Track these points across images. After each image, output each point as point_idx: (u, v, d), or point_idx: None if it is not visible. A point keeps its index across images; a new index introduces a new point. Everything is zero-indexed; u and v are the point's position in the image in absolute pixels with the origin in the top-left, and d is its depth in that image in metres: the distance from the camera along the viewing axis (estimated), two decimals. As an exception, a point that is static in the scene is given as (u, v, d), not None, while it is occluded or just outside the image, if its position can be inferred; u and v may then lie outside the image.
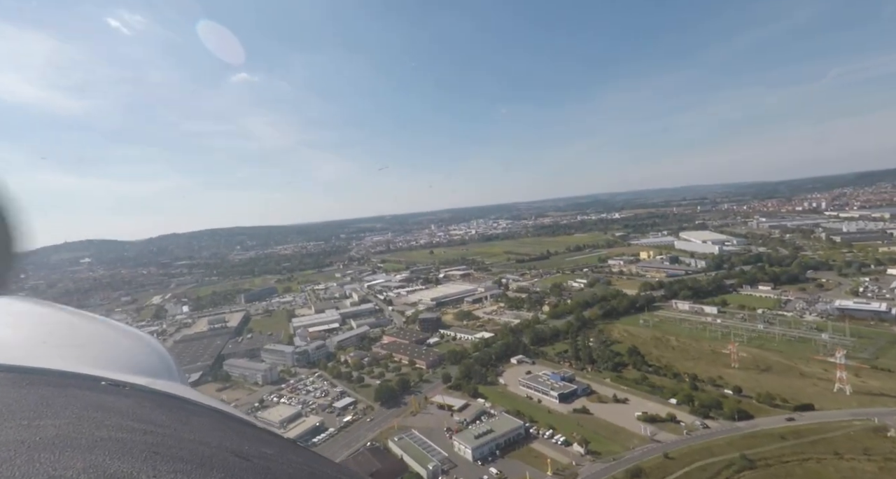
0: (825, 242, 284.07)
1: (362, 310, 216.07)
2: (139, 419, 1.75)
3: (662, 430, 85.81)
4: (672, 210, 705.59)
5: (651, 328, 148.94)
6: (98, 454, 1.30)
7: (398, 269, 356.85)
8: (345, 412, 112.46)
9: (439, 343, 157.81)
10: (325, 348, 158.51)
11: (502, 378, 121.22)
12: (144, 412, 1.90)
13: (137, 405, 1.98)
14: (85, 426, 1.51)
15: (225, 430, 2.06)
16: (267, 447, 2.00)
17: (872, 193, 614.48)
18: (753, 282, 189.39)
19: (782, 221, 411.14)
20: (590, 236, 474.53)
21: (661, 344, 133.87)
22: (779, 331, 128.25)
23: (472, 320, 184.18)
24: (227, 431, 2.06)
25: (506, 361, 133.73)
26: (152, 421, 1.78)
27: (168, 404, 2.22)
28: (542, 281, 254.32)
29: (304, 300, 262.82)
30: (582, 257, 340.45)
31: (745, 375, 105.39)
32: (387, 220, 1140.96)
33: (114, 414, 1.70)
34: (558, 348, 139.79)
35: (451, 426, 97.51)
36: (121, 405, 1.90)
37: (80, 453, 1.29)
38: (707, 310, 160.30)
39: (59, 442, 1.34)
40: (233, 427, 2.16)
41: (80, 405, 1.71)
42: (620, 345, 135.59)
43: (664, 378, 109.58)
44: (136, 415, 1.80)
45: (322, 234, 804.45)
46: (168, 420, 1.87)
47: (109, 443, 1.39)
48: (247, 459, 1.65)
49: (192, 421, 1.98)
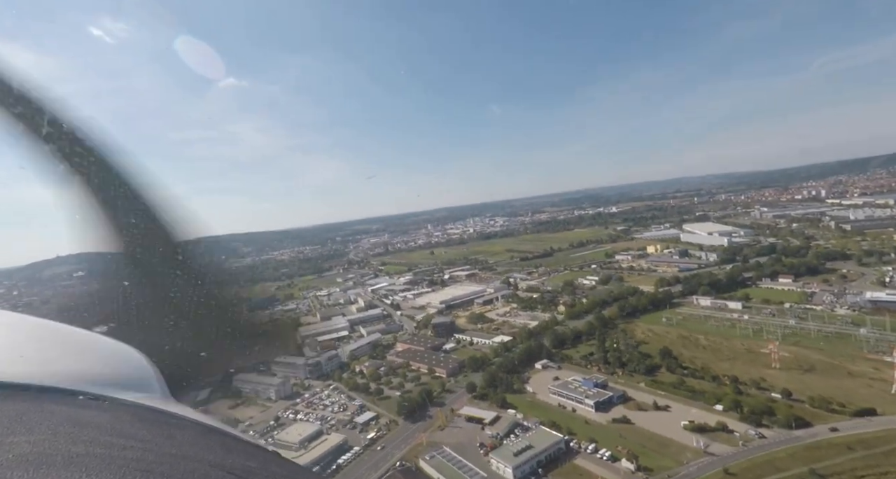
0: (835, 230, 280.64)
1: (370, 316, 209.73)
2: (118, 433, 1.71)
3: (715, 441, 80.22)
4: (669, 203, 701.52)
5: (675, 327, 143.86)
6: (74, 471, 1.26)
7: (400, 271, 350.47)
8: (367, 428, 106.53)
9: (456, 349, 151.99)
10: (338, 359, 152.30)
11: (529, 385, 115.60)
12: (124, 427, 1.85)
13: (116, 420, 1.94)
14: (61, 441, 1.47)
15: (208, 443, 2.03)
16: (251, 460, 1.97)
17: (869, 180, 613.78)
18: (772, 275, 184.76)
19: (785, 211, 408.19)
20: (590, 232, 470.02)
21: (689, 344, 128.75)
22: (813, 327, 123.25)
23: (486, 322, 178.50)
24: (211, 444, 2.03)
25: (529, 366, 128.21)
26: (132, 436, 1.74)
27: (149, 417, 2.17)
28: (550, 279, 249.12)
29: (307, 307, 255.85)
30: (586, 252, 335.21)
31: (788, 376, 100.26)
32: (382, 221, 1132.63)
33: (91, 429, 1.67)
34: (582, 351, 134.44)
35: (484, 442, 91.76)
36: (99, 419, 1.86)
37: (55, 470, 1.25)
38: (731, 306, 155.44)
39: (34, 459, 1.30)
40: (216, 441, 2.13)
41: (56, 421, 1.66)
42: (647, 346, 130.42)
43: (702, 382, 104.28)
44: (115, 430, 1.76)
45: (317, 238, 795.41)
46: (149, 435, 1.83)
47: (86, 459, 1.35)
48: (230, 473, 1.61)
49: (174, 435, 1.94)
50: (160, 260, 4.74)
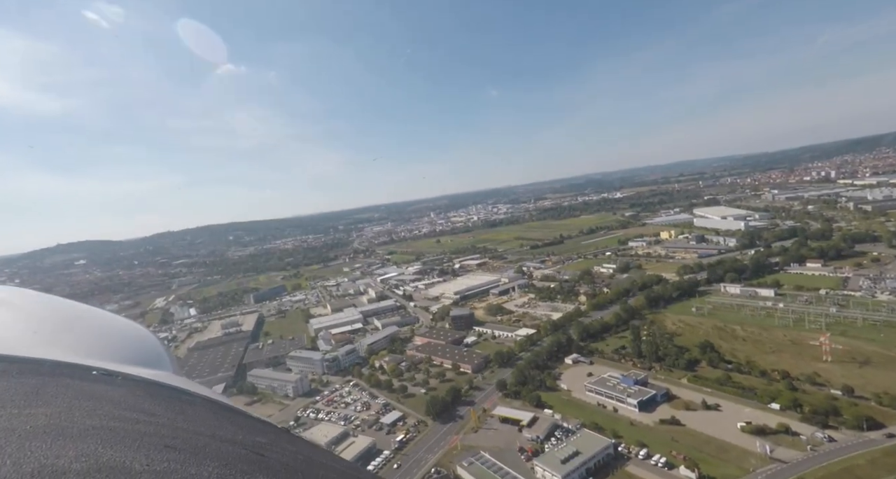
0: (855, 212, 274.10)
1: (383, 307, 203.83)
2: (131, 408, 1.77)
3: (779, 445, 74.58)
4: (674, 187, 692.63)
5: (707, 317, 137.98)
6: (90, 443, 1.30)
7: (408, 260, 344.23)
8: (395, 429, 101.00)
9: (477, 342, 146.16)
10: (356, 353, 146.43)
11: (563, 382, 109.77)
12: (137, 402, 1.92)
13: (129, 395, 2.01)
14: (76, 414, 1.51)
15: (218, 419, 2.09)
16: (261, 435, 2.03)
17: (877, 159, 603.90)
18: (800, 259, 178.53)
19: (797, 193, 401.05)
20: (598, 218, 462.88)
21: (726, 335, 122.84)
22: (859, 315, 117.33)
23: (505, 314, 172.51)
24: (221, 420, 2.09)
25: (559, 361, 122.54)
26: (144, 410, 1.80)
27: (160, 393, 2.25)
28: (565, 267, 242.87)
29: (317, 298, 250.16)
30: (598, 239, 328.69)
31: (844, 370, 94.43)
32: (383, 209, 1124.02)
33: (105, 403, 1.72)
34: (612, 344, 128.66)
35: (524, 446, 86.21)
36: (113, 394, 1.92)
37: (71, 441, 1.29)
38: (762, 293, 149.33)
39: (51, 431, 1.34)
40: (226, 416, 2.19)
41: (72, 394, 1.72)
42: (681, 338, 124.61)
43: (750, 377, 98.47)
44: (129, 404, 1.82)
45: (319, 226, 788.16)
46: (160, 409, 1.89)
47: (101, 432, 1.40)
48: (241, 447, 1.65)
49: (185, 410, 2.01)
50: None
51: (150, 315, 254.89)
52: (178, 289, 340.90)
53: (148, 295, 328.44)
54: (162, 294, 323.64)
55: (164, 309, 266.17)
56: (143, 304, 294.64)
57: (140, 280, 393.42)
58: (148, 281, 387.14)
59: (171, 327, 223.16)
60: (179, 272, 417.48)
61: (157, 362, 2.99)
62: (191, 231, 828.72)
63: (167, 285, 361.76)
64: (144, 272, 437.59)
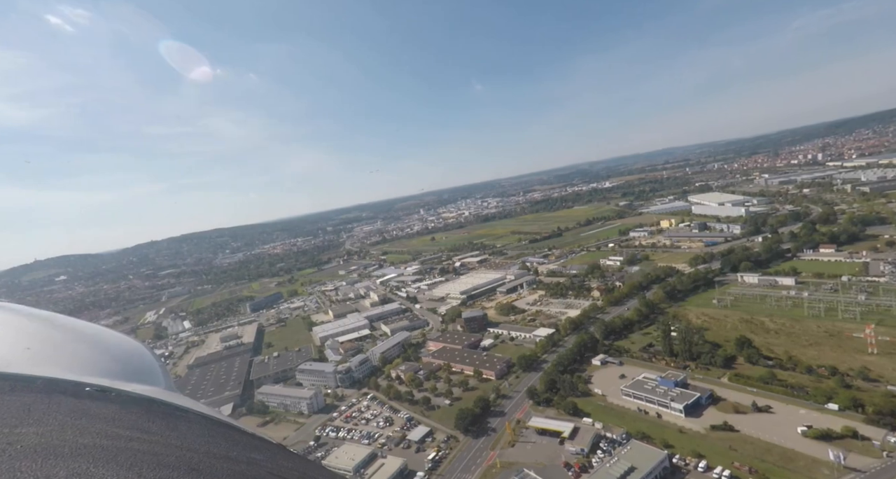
0: (852, 193, 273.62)
1: (389, 311, 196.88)
2: (125, 425, 1.75)
3: (850, 451, 69.84)
4: (662, 174, 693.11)
5: (730, 309, 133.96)
6: (82, 462, 1.28)
7: (405, 260, 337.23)
8: (424, 446, 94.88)
9: (495, 345, 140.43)
10: (369, 363, 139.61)
11: (595, 386, 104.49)
12: (130, 418, 1.89)
13: (123, 411, 1.98)
14: (68, 433, 1.50)
15: (212, 435, 2.06)
16: (256, 452, 2.02)
17: (857, 141, 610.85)
18: (813, 245, 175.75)
19: (789, 176, 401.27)
20: (591, 208, 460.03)
21: (757, 328, 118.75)
22: (893, 302, 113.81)
23: (518, 313, 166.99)
24: (216, 436, 2.06)
25: (585, 362, 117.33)
26: (138, 427, 1.78)
27: (155, 409, 2.21)
28: (569, 261, 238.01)
29: (316, 304, 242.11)
30: (597, 231, 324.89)
31: (894, 363, 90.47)
32: (369, 208, 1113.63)
33: (98, 421, 1.70)
34: (637, 342, 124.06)
35: (568, 461, 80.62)
36: (106, 411, 1.90)
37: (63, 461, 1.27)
38: (782, 282, 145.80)
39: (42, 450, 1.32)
40: (220, 432, 2.17)
41: (64, 412, 1.70)
42: (710, 333, 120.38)
43: (795, 374, 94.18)
44: (122, 421, 1.79)
45: (307, 228, 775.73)
46: (154, 426, 1.87)
47: (94, 450, 1.38)
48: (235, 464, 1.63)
49: (178, 427, 1.98)
50: None
51: (141, 331, 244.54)
52: (168, 301, 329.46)
53: (137, 309, 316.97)
54: (152, 307, 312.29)
55: (156, 323, 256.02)
56: (132, 319, 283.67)
57: (126, 294, 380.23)
58: (135, 294, 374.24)
59: (166, 343, 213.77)
60: (167, 283, 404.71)
61: (152, 376, 2.95)
62: (175, 240, 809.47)
63: (156, 298, 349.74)
64: (130, 285, 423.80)
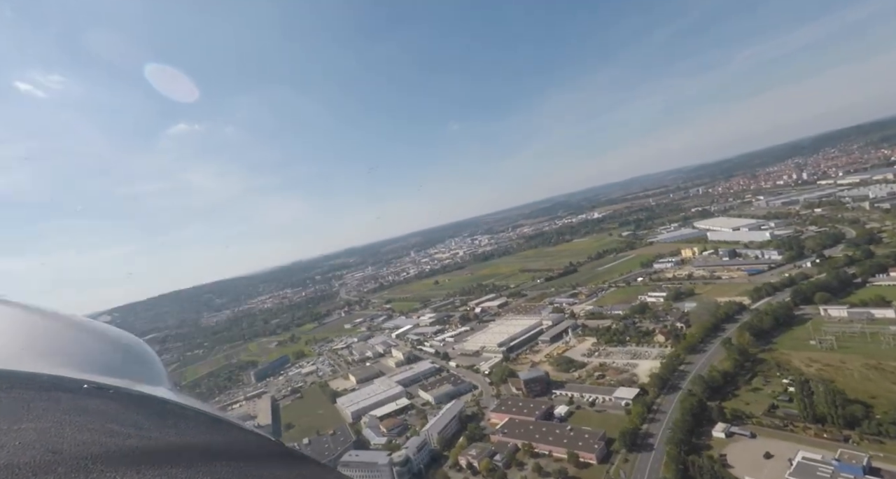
0: (871, 210, 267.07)
1: (421, 373, 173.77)
2: (123, 422, 1.73)
3: None
4: (650, 202, 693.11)
5: (837, 351, 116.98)
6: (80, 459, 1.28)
7: (413, 308, 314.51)
8: None
9: (572, 414, 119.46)
10: (427, 447, 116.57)
11: (736, 471, 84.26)
12: (129, 416, 1.88)
13: (122, 409, 1.97)
14: (67, 430, 1.49)
15: (211, 433, 2.06)
16: (255, 449, 2.00)
17: (827, 159, 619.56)
18: (881, 269, 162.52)
19: (789, 197, 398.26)
20: (594, 240, 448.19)
21: (887, 375, 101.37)
22: None
23: (577, 368, 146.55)
24: (214, 434, 2.06)
25: (702, 433, 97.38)
26: (137, 424, 1.76)
27: (154, 407, 2.20)
28: (601, 300, 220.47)
29: (331, 367, 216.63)
30: (613, 264, 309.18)
31: None
32: (357, 252, 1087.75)
33: (97, 418, 1.68)
34: (751, 402, 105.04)
35: None
36: (104, 408, 1.88)
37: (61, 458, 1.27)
38: (877, 315, 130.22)
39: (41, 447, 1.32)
40: (219, 430, 2.16)
41: (62, 409, 1.68)
42: (837, 384, 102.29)
43: None
44: (120, 418, 1.78)
45: (294, 278, 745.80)
46: (153, 424, 1.85)
47: (92, 447, 1.37)
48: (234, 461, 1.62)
49: (178, 424, 1.97)
50: None
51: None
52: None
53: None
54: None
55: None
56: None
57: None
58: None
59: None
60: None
61: (150, 374, 2.92)
62: (156, 300, 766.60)
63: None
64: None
